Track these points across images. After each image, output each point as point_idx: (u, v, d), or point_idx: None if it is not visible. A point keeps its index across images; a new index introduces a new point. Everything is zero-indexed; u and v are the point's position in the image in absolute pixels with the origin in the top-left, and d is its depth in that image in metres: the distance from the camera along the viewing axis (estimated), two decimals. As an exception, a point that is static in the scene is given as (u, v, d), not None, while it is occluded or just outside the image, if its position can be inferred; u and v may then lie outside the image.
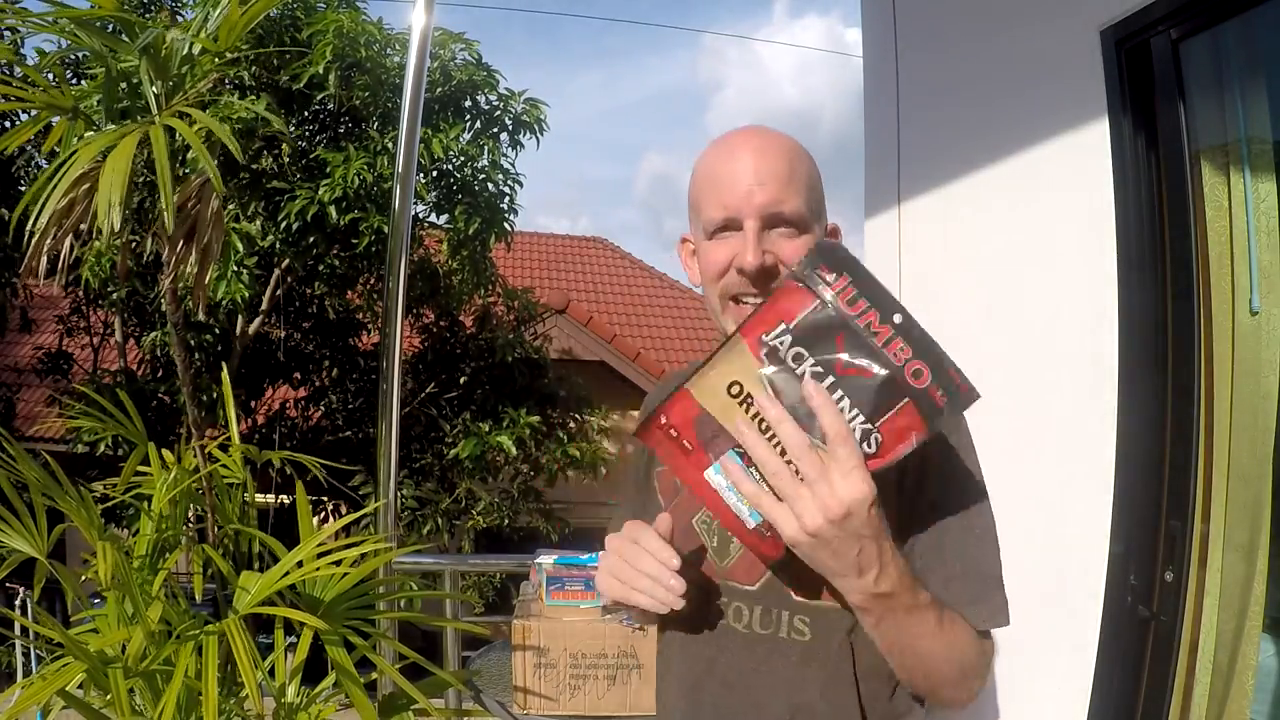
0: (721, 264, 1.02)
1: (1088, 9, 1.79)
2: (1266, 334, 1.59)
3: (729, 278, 1.02)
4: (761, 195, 0.99)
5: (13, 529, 1.37)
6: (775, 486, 0.79)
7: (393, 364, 2.00)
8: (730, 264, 1.01)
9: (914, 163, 2.40)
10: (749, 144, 1.03)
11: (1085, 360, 1.82)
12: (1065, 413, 1.88)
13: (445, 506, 6.33)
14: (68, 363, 7.54)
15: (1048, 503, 1.91)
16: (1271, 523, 1.58)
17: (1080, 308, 1.85)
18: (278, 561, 1.36)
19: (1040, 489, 1.92)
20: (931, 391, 0.76)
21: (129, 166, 1.17)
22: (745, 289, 1.01)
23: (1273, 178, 1.59)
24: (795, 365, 0.78)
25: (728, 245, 1.01)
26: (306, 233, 5.55)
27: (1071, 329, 1.87)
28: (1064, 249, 1.91)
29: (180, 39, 1.31)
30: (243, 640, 1.17)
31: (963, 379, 0.77)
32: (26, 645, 5.55)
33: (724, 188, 1.01)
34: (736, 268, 1.00)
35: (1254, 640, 1.60)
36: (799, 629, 1.00)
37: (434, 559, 4.14)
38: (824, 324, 0.77)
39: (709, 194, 1.03)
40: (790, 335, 0.78)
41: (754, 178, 1.00)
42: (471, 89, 5.88)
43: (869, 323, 0.77)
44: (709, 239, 1.04)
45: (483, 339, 6.98)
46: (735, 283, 1.01)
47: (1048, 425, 1.91)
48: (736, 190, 1.00)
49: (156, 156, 1.18)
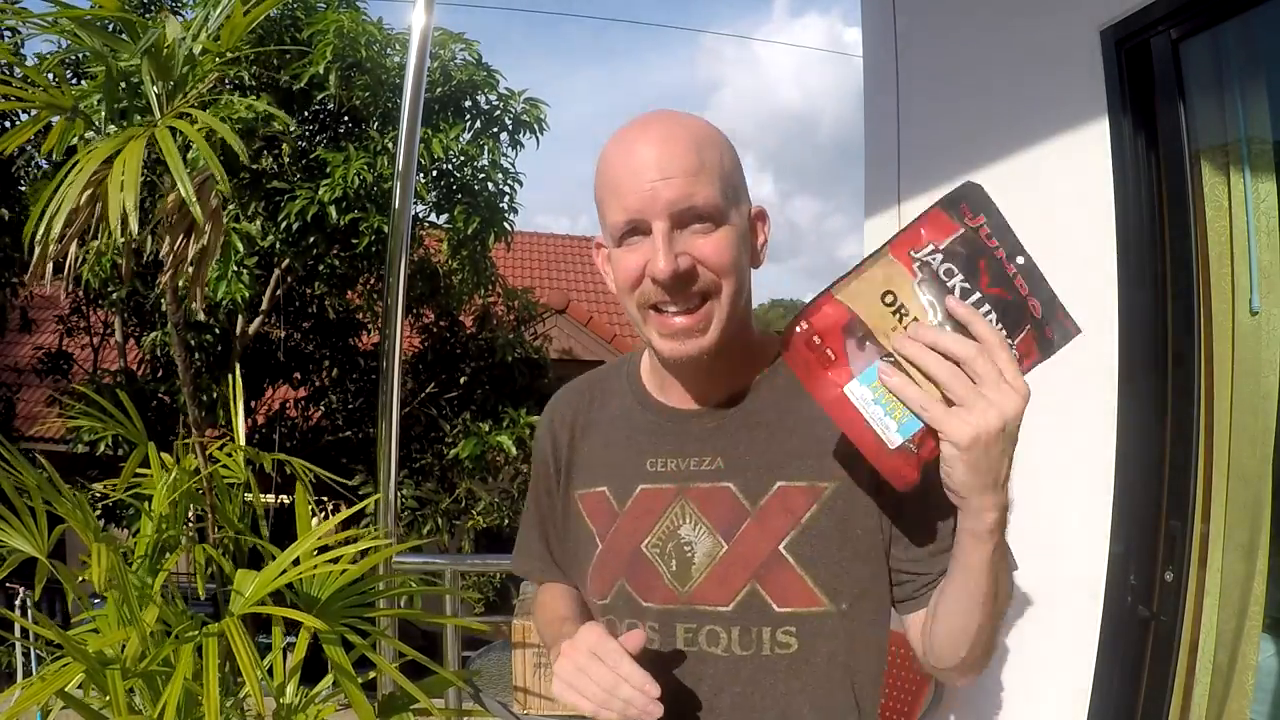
0: (634, 272, 0.92)
1: (1088, 9, 1.79)
2: (1266, 334, 1.59)
3: (645, 286, 0.92)
4: (668, 191, 0.89)
5: (13, 529, 1.37)
6: (951, 391, 0.78)
7: (393, 364, 2.00)
8: (644, 271, 0.91)
9: (914, 162, 2.40)
10: (647, 134, 0.92)
11: (1085, 360, 1.82)
12: (1065, 413, 1.88)
13: (445, 506, 6.33)
14: (68, 363, 7.54)
15: (1048, 503, 1.91)
16: (1271, 523, 1.58)
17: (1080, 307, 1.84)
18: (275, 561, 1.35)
19: (1040, 489, 1.92)
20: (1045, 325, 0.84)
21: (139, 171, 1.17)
22: (663, 297, 0.92)
23: (1273, 178, 1.59)
24: (946, 279, 0.82)
25: (638, 252, 0.92)
26: (306, 233, 5.55)
27: (1071, 329, 1.87)
28: (1064, 249, 1.90)
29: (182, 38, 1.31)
30: (242, 640, 1.17)
31: (1068, 318, 0.84)
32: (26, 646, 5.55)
33: (625, 188, 0.91)
34: (650, 276, 0.91)
35: (1254, 640, 1.60)
36: (783, 642, 0.94)
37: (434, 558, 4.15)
38: (970, 250, 0.83)
39: (610, 197, 0.93)
40: (940, 254, 0.83)
41: (657, 172, 0.89)
42: (471, 89, 5.88)
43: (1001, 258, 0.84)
44: (618, 245, 0.94)
45: (483, 339, 6.98)
46: (651, 291, 0.92)
47: (1048, 425, 1.91)
48: (640, 189, 0.90)
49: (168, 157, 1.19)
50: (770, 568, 0.94)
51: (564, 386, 1.18)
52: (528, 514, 1.20)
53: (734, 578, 0.95)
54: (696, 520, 0.97)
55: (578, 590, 1.14)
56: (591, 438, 1.09)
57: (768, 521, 0.95)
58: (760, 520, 0.95)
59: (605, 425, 1.08)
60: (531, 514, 1.18)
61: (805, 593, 0.93)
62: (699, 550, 0.97)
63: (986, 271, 0.82)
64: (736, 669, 0.95)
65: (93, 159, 1.21)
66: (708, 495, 0.98)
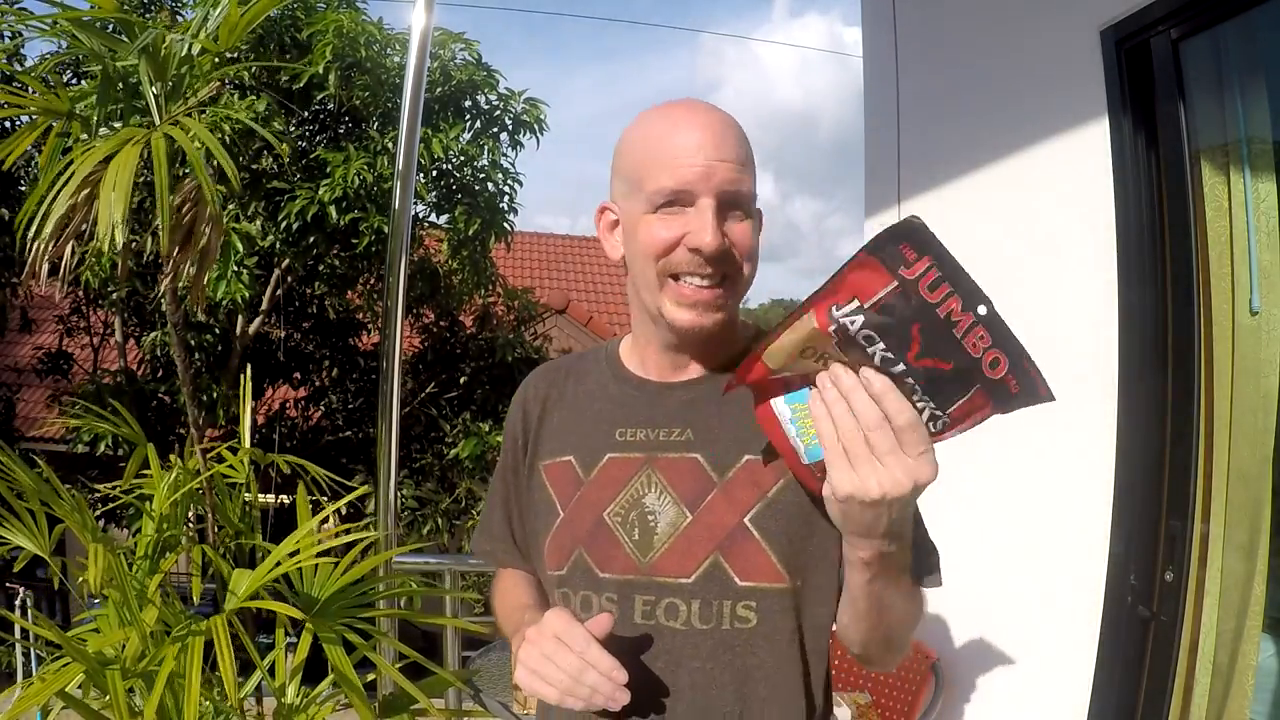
0: (666, 240, 0.94)
1: (1088, 9, 1.79)
2: (1266, 334, 1.59)
3: (677, 254, 0.95)
4: (723, 172, 0.93)
5: (14, 528, 1.37)
6: (846, 447, 0.77)
7: (393, 364, 2.00)
8: (678, 241, 0.94)
9: (914, 163, 2.40)
10: (700, 116, 0.96)
11: (1085, 360, 1.82)
12: (1065, 413, 1.88)
13: (445, 506, 6.33)
14: (68, 363, 7.54)
15: (1048, 503, 1.91)
16: (1271, 523, 1.58)
17: (1080, 307, 1.85)
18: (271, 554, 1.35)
19: (1040, 489, 1.92)
20: (1007, 380, 0.75)
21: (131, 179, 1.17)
22: (696, 269, 0.94)
23: (1273, 178, 1.59)
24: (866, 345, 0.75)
25: (678, 221, 0.94)
26: (306, 233, 5.55)
27: (1072, 328, 1.87)
28: (1064, 248, 1.91)
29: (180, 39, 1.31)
30: (225, 636, 1.17)
31: (1040, 377, 0.75)
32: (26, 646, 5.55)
33: (680, 160, 0.93)
34: (692, 247, 0.93)
35: (1254, 640, 1.60)
36: (743, 616, 0.95)
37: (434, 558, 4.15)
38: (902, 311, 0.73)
39: (656, 165, 0.95)
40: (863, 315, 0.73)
41: (715, 153, 0.93)
42: (471, 89, 5.88)
43: (950, 311, 0.72)
44: (653, 211, 0.95)
45: (483, 339, 6.98)
46: (684, 260, 0.94)
47: (1048, 425, 1.91)
48: (695, 163, 0.93)
49: (155, 168, 1.18)
50: (734, 540, 0.95)
51: (541, 365, 1.19)
52: (492, 494, 1.19)
53: (697, 549, 0.95)
54: (662, 490, 0.98)
55: (538, 578, 1.14)
56: (562, 410, 1.10)
57: (734, 493, 0.96)
58: (726, 492, 0.96)
59: (578, 399, 1.10)
60: (496, 493, 1.18)
61: (767, 567, 0.95)
62: (662, 520, 0.97)
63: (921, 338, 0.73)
64: (696, 643, 0.96)
65: (89, 159, 1.21)
66: (675, 465, 0.99)
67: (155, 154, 1.18)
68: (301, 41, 5.37)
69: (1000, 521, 2.06)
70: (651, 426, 1.02)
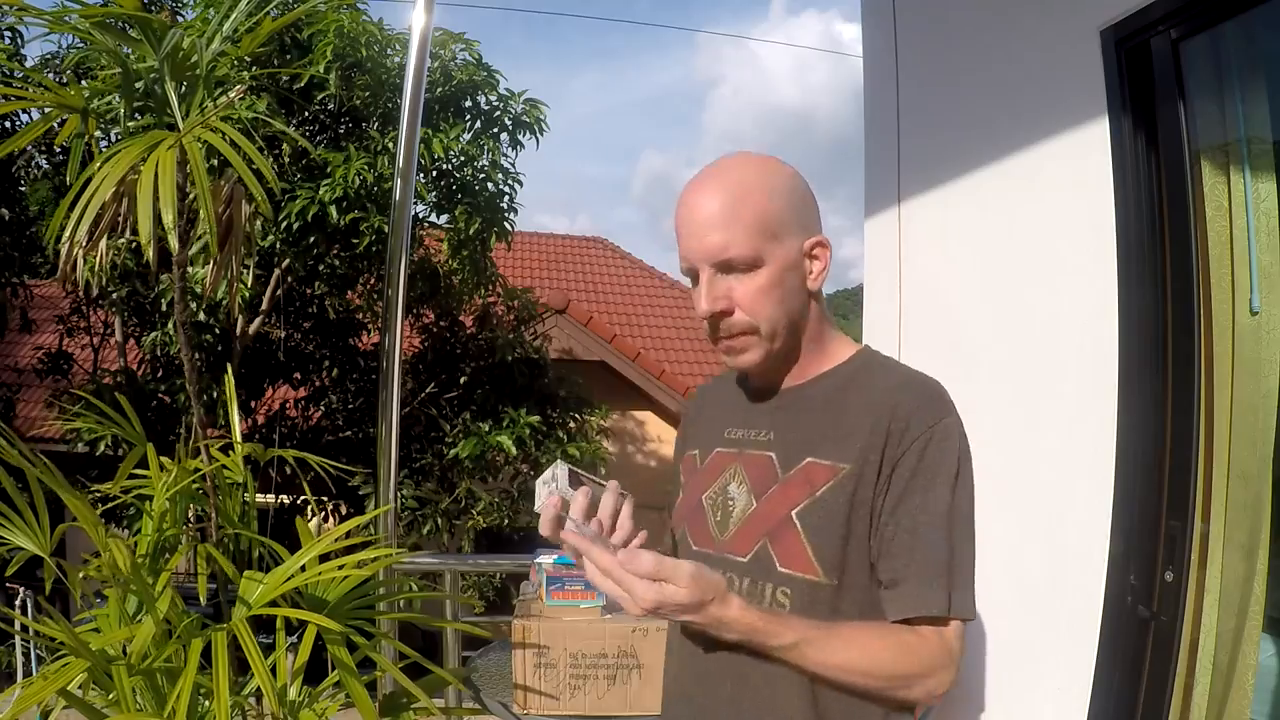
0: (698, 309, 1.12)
1: (1088, 9, 1.79)
2: (1266, 334, 1.59)
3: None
4: (707, 243, 1.06)
5: (15, 527, 1.37)
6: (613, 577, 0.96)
7: (393, 364, 2.00)
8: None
9: (914, 163, 2.40)
10: (696, 190, 1.09)
11: (1085, 360, 1.82)
12: (1065, 413, 1.88)
13: (445, 506, 6.33)
14: (68, 363, 7.54)
15: (1048, 503, 1.91)
16: (1271, 523, 1.58)
17: (1080, 307, 1.85)
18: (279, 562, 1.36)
19: (1040, 489, 1.92)
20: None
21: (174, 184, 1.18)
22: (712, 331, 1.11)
23: (1273, 178, 1.59)
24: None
25: (697, 292, 1.11)
26: (307, 233, 5.55)
27: (1072, 328, 1.87)
28: (1064, 248, 1.91)
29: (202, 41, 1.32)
30: (252, 640, 1.18)
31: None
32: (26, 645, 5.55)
33: (682, 237, 1.10)
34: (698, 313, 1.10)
35: (1254, 640, 1.60)
36: (780, 600, 1.06)
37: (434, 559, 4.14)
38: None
39: (679, 243, 1.11)
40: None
41: (700, 226, 1.07)
42: (471, 89, 5.88)
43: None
44: (694, 284, 1.12)
45: (483, 339, 6.98)
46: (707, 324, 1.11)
47: (1048, 425, 1.91)
48: (689, 240, 1.08)
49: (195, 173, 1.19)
50: (781, 529, 1.08)
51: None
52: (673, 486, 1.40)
53: (754, 532, 1.10)
54: (742, 480, 1.15)
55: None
56: (702, 414, 1.32)
57: (790, 489, 1.09)
58: (785, 486, 1.10)
59: (712, 405, 1.31)
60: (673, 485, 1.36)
61: (803, 558, 1.06)
62: (738, 506, 1.14)
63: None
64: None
65: (120, 162, 1.21)
66: (755, 460, 1.15)
67: (192, 158, 1.20)
68: (302, 42, 5.37)
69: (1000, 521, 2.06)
70: (747, 427, 1.19)
